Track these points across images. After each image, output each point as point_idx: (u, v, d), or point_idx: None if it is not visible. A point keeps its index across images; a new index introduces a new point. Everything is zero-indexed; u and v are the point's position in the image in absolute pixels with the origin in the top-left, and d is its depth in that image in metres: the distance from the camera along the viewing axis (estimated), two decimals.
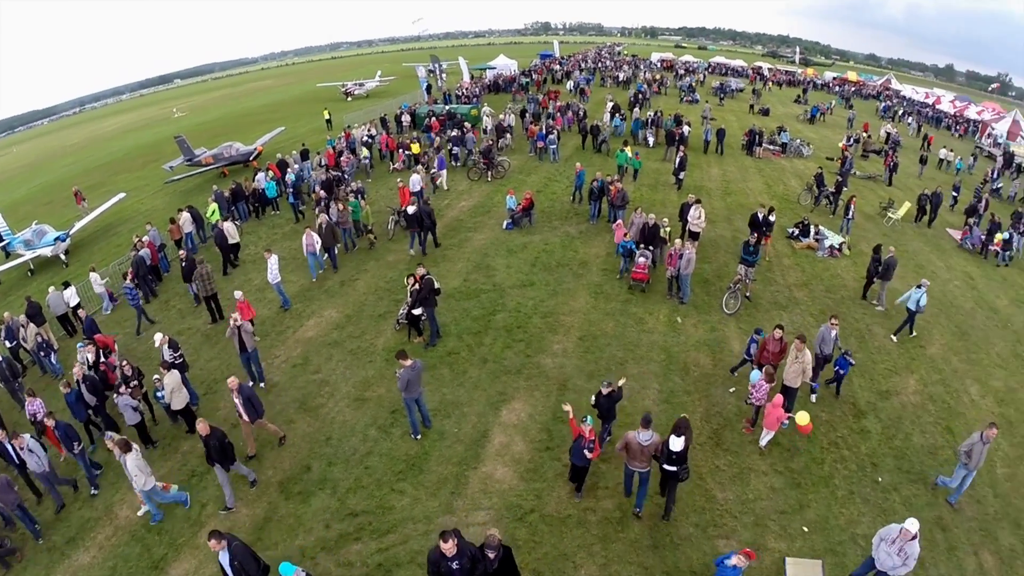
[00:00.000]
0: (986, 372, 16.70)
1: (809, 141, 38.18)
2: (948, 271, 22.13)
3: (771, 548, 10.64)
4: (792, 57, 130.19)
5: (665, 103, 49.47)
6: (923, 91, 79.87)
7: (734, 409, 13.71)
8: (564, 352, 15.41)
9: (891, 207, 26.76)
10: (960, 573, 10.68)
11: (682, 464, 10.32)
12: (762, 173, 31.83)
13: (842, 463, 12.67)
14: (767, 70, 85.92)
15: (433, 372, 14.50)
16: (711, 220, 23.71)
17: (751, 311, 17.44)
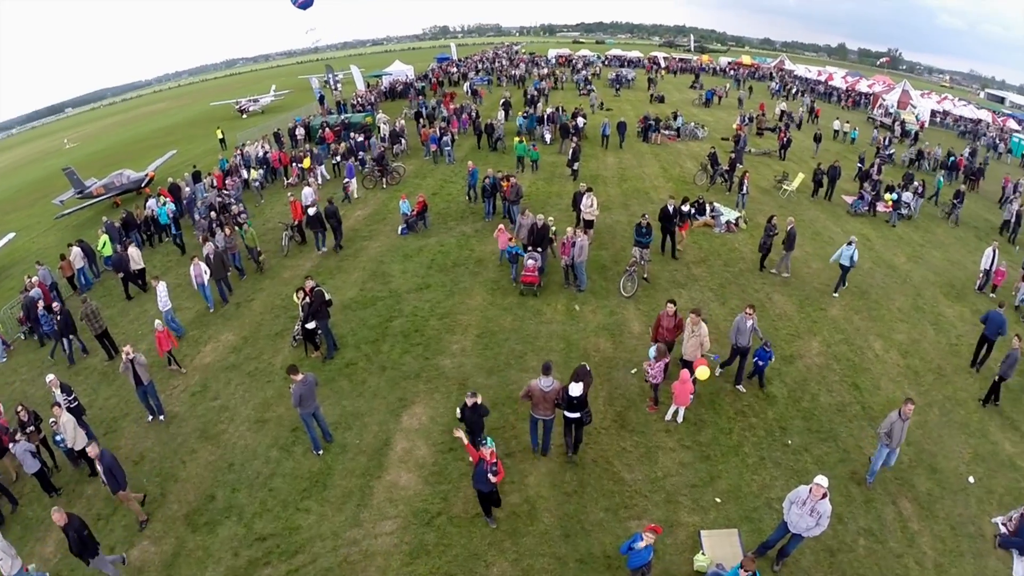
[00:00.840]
0: (888, 327, 18.36)
1: (704, 124, 41.28)
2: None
3: (685, 523, 11.25)
4: (688, 45, 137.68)
5: (563, 98, 52.10)
6: (815, 69, 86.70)
7: (637, 390, 14.44)
8: (463, 351, 16.02)
9: (785, 179, 29.25)
10: (880, 523, 11.64)
11: (583, 409, 11.58)
12: (658, 158, 33.91)
13: (750, 431, 13.50)
14: (663, 59, 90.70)
15: (332, 385, 14.85)
16: (607, 207, 24.90)
17: (650, 292, 18.38)
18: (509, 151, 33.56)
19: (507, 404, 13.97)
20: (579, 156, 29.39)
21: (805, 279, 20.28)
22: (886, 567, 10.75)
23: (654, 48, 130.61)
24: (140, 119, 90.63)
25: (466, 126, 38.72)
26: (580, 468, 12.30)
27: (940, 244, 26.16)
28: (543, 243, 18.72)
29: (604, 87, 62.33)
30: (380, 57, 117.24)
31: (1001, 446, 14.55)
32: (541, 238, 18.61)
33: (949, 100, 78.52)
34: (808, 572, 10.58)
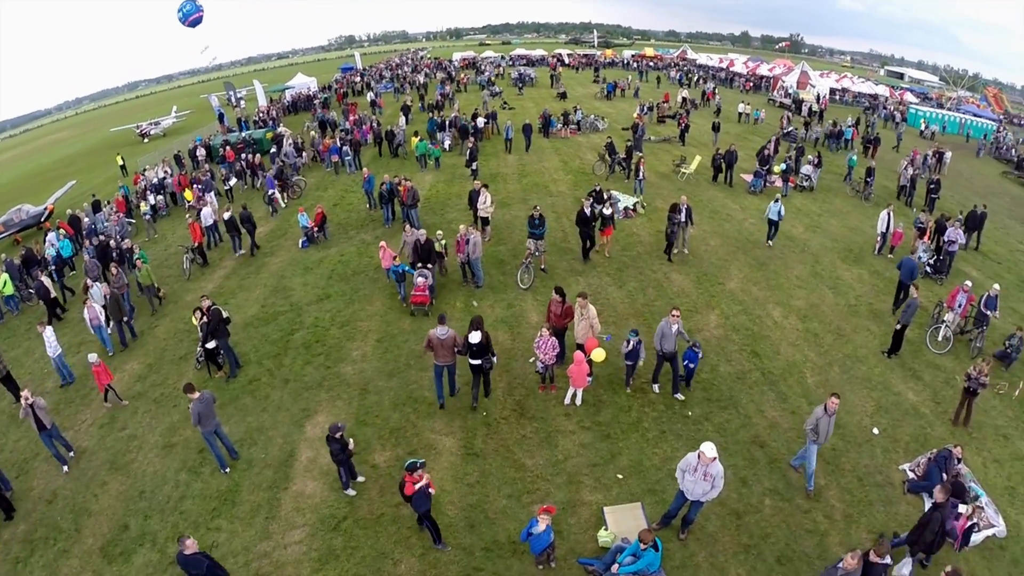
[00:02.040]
0: (787, 295, 19.48)
1: (604, 116, 42.88)
2: (742, 211, 25.44)
3: (588, 501, 11.68)
4: (592, 41, 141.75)
5: (467, 100, 53.07)
6: (717, 57, 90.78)
7: (535, 379, 14.88)
8: (363, 357, 16.35)
9: (683, 163, 30.82)
10: (785, 482, 12.34)
11: (484, 355, 13.20)
12: (559, 152, 34.97)
13: (650, 406, 14.08)
14: (567, 56, 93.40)
15: (236, 403, 15.01)
16: (506, 203, 25.53)
17: (548, 282, 18.90)
18: (411, 156, 34.31)
19: (408, 404, 14.28)
20: (477, 156, 29.97)
21: (703, 256, 21.33)
22: (794, 523, 11.39)
23: (560, 46, 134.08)
24: (39, 150, 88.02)
25: (367, 137, 38.88)
26: (481, 459, 12.64)
27: (838, 212, 27.82)
28: (431, 259, 18.72)
29: (508, 86, 64.01)
30: (284, 71, 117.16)
31: (904, 396, 15.63)
32: (428, 253, 18.64)
33: (848, 78, 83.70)
34: (715, 536, 11.11)
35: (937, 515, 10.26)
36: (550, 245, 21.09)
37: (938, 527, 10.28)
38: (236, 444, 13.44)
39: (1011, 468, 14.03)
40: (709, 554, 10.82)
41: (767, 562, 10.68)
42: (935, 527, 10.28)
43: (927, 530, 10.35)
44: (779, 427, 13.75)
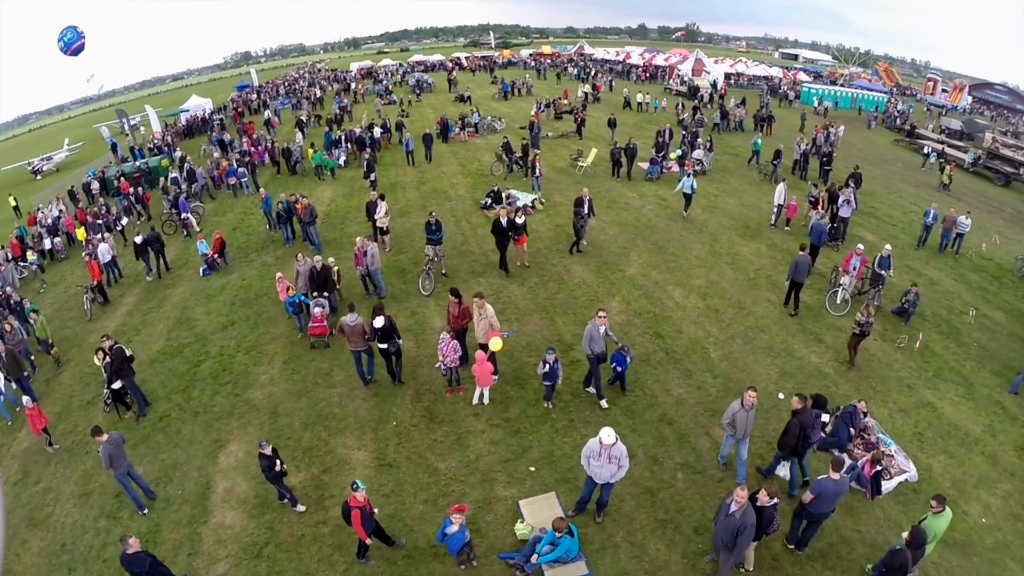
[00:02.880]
0: (687, 275, 20.45)
1: (502, 116, 43.54)
2: (640, 199, 26.54)
3: (503, 497, 12.04)
4: (490, 43, 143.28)
5: (365, 110, 52.73)
6: (614, 51, 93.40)
7: (442, 384, 15.11)
8: (271, 380, 16.28)
9: (580, 157, 31.83)
10: (696, 456, 13.02)
11: (390, 339, 14.31)
12: (457, 156, 35.42)
13: (557, 397, 14.54)
14: (464, 59, 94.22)
15: (149, 442, 14.75)
16: (406, 211, 25.81)
17: (449, 286, 18.92)
18: (309, 172, 34.27)
19: (319, 423, 14.33)
20: (375, 167, 30.08)
21: (602, 246, 22.15)
22: (708, 493, 12.02)
23: (458, 49, 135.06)
24: None
25: (264, 158, 38.29)
26: (395, 468, 12.82)
27: (734, 192, 29.25)
28: (328, 287, 18.30)
29: (407, 94, 64.02)
30: (178, 93, 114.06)
31: (807, 359, 16.66)
32: (324, 281, 18.09)
33: (743, 63, 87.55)
34: (631, 516, 11.63)
35: (795, 421, 11.53)
36: (450, 249, 21.45)
37: (797, 431, 11.54)
38: (152, 483, 13.27)
39: (917, 415, 15.17)
40: (627, 533, 11.30)
41: (684, 534, 11.25)
42: (794, 431, 11.54)
43: (788, 435, 11.64)
44: (685, 403, 14.47)
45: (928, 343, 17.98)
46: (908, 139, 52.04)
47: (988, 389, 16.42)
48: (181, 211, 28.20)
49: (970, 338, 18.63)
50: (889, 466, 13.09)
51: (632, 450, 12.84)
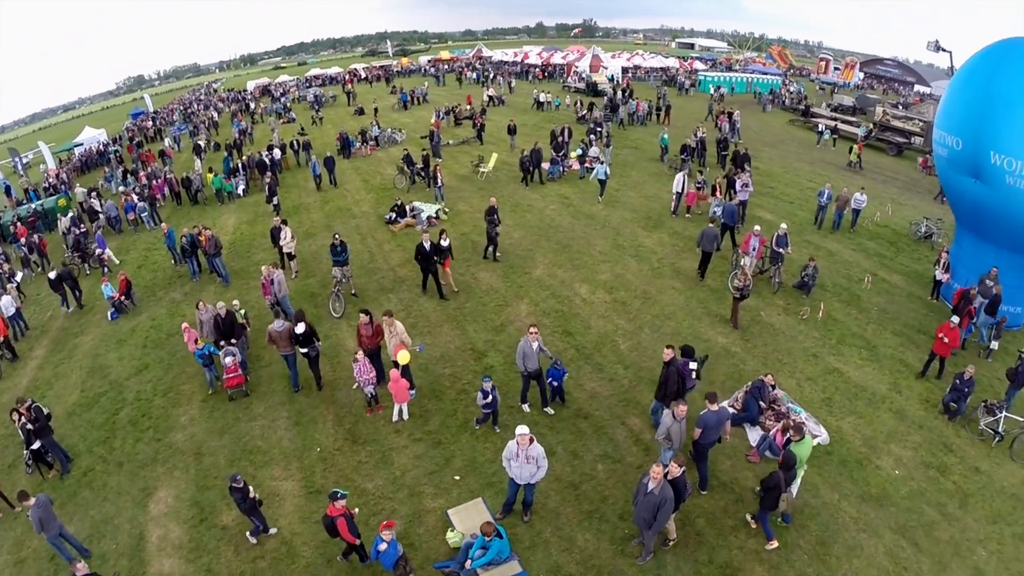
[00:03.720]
0: (593, 271, 21.21)
1: (402, 127, 43.55)
2: (543, 199, 27.33)
3: (432, 508, 12.34)
4: (387, 51, 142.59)
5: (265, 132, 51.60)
6: (512, 51, 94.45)
7: (362, 404, 15.28)
8: (191, 421, 16.00)
9: (481, 163, 32.30)
10: (614, 446, 13.67)
11: (310, 344, 15.38)
12: (359, 171, 35.21)
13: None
14: (363, 70, 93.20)
15: (76, 499, 14.26)
16: (311, 234, 25.71)
17: (360, 305, 19.15)
18: (211, 201, 33.53)
19: (244, 458, 14.25)
20: (276, 190, 29.66)
21: (508, 250, 22.74)
22: (630, 480, 12.60)
23: (356, 60, 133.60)
24: None
25: (163, 190, 37.11)
26: (324, 495, 12.68)
27: (635, 184, 30.34)
28: (234, 333, 17.79)
29: (305, 110, 62.66)
30: (71, 125, 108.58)
31: (714, 340, 17.56)
32: (230, 327, 17.37)
33: (640, 56, 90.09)
34: (557, 511, 12.15)
35: (672, 370, 13.00)
36: (357, 268, 21.54)
37: (676, 378, 13.00)
38: (85, 540, 12.95)
39: (824, 382, 16.24)
40: (555, 528, 11.79)
41: (610, 522, 11.85)
42: (674, 379, 13.00)
43: (668, 384, 13.08)
44: (599, 396, 15.10)
45: (830, 312, 19.22)
46: (803, 118, 54.95)
47: (891, 349, 17.70)
48: (100, 247, 27.10)
49: (870, 303, 19.99)
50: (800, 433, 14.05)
51: (552, 447, 13.41)
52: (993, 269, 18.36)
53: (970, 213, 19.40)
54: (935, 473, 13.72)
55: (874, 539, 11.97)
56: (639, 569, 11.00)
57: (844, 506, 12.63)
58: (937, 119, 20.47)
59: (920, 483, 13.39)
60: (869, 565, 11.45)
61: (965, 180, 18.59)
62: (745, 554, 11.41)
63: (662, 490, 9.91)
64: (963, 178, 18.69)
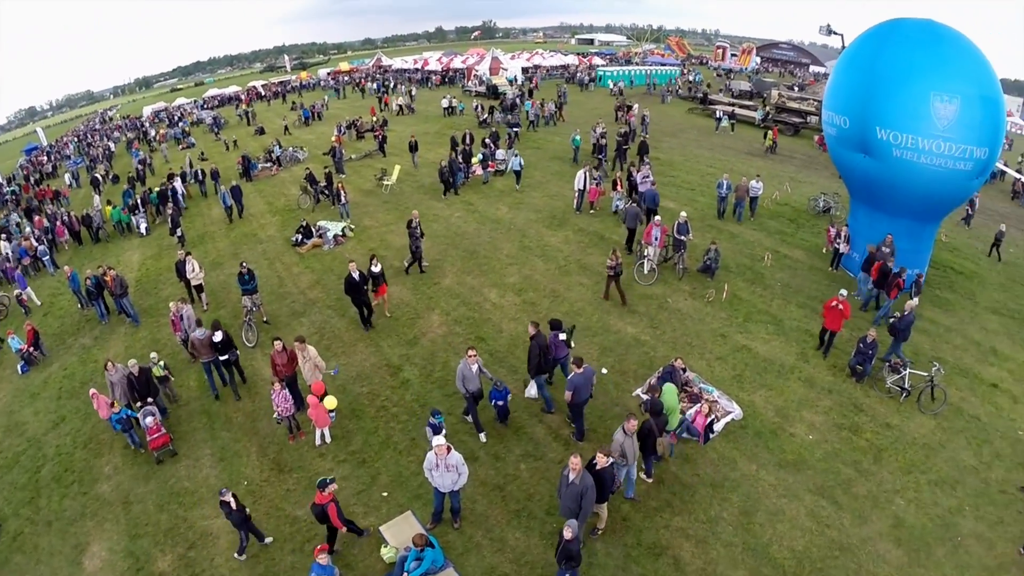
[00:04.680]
0: (501, 275, 21.61)
1: (304, 145, 42.76)
2: (448, 208, 27.67)
3: (364, 527, 12.35)
4: (286, 66, 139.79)
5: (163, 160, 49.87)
6: (412, 58, 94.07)
7: (283, 432, 15.19)
8: (115, 470, 15.48)
9: (385, 176, 32.15)
10: (534, 444, 14.12)
11: (228, 350, 16.01)
12: (262, 194, 34.42)
13: (395, 421, 15.13)
14: (262, 87, 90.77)
15: (9, 566, 13.72)
16: (218, 263, 25.18)
17: (273, 332, 19.00)
18: (113, 236, 32.26)
19: (173, 501, 13.97)
20: (180, 221, 28.87)
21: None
22: (552, 476, 13.00)
23: (255, 76, 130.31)
24: None
25: (63, 236, 35.29)
26: (256, 525, 12.73)
27: (538, 185, 30.90)
28: (150, 391, 16.32)
29: (205, 133, 60.89)
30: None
31: (624, 331, 18.16)
32: (146, 386, 16.27)
33: (539, 55, 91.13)
34: (486, 514, 12.46)
35: (533, 344, 14.11)
36: (267, 294, 21.26)
37: (537, 352, 14.11)
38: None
39: (734, 360, 17.03)
40: (486, 531, 12.10)
41: (538, 518, 12.26)
42: (535, 353, 14.14)
43: (531, 358, 14.27)
44: (516, 398, 15.36)
45: (735, 292, 20.14)
46: (701, 106, 56.74)
47: (796, 321, 18.71)
48: (20, 286, 25.67)
49: (774, 279, 21.05)
50: (715, 411, 14.72)
51: (474, 453, 13.75)
52: (888, 236, 19.67)
53: (863, 186, 20.76)
54: (848, 433, 14.61)
55: (795, 503, 12.68)
56: None
57: (763, 475, 13.32)
58: (825, 100, 21.77)
59: (834, 444, 14.25)
60: (793, 527, 12.14)
61: (855, 156, 19.91)
62: (672, 532, 11.98)
63: (582, 480, 10.32)
64: (853, 154, 20.00)
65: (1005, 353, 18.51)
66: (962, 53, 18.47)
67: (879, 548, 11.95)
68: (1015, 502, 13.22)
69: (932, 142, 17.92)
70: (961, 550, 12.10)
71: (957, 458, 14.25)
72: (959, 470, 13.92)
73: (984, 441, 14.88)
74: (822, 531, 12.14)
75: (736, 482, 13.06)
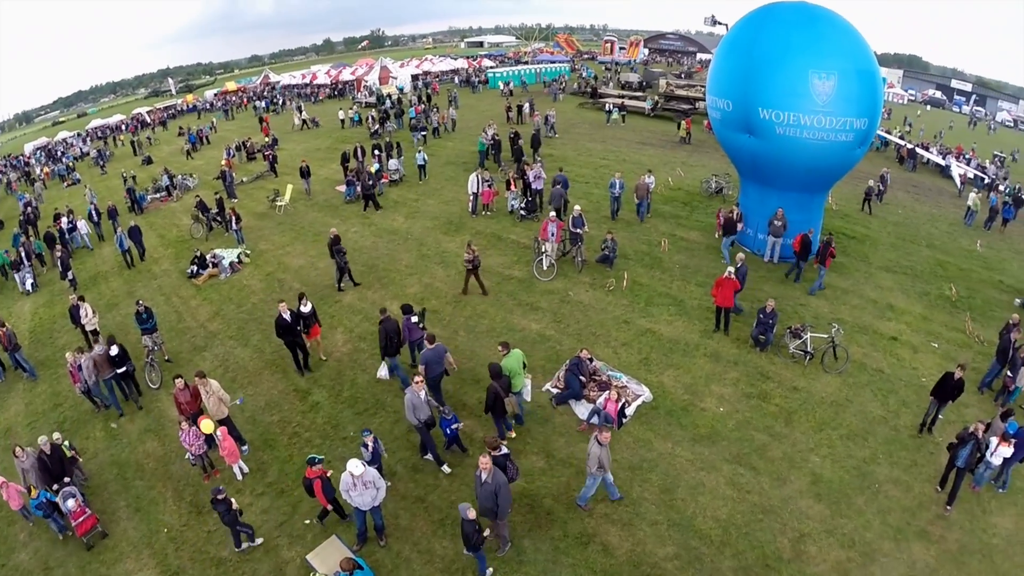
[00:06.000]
0: (401, 286, 21.42)
1: (193, 171, 40.54)
2: (344, 223, 27.05)
3: (290, 558, 12.07)
4: (171, 90, 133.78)
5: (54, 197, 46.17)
6: (300, 73, 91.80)
7: (197, 474, 14.45)
8: (31, 535, 14.23)
9: (278, 196, 31.01)
10: (449, 453, 13.93)
11: (124, 364, 16.58)
12: (154, 227, 31.97)
13: (309, 446, 14.70)
14: (148, 113, 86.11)
15: None
16: (113, 304, 23.75)
17: (174, 368, 18.13)
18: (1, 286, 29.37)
19: (94, 560, 13.05)
20: (70, 264, 27.07)
21: (314, 280, 22.41)
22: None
23: (140, 103, 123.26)
24: None
25: None
26: (181, 573, 12.21)
27: (433, 192, 30.76)
28: (65, 470, 14.69)
29: (90, 167, 56.65)
30: None
31: (528, 328, 18.29)
32: (59, 464, 14.58)
33: (429, 60, 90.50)
34: (410, 527, 12.31)
35: (380, 329, 15.33)
36: (167, 330, 20.17)
37: (385, 336, 15.33)
38: None
39: (639, 344, 17.37)
40: (413, 544, 11.95)
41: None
42: (382, 337, 15.40)
43: (381, 340, 15.47)
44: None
45: (635, 278, 20.58)
46: (592, 100, 57.62)
47: (697, 300, 19.29)
48: None
49: (672, 262, 21.66)
50: (625, 396, 14.99)
51: (392, 467, 13.61)
52: (779, 210, 20.53)
53: (750, 165, 21.61)
54: (757, 401, 15.16)
55: (713, 474, 13.06)
56: (501, 561, 11.41)
57: (679, 452, 13.64)
58: (708, 86, 22.44)
59: (745, 413, 14.75)
60: (714, 498, 12.50)
61: (740, 137, 20.67)
62: (597, 520, 12.14)
63: (494, 477, 10.43)
64: (738, 135, 20.76)
65: (901, 307, 19.66)
66: (837, 31, 19.39)
67: (801, 505, 12.47)
68: (926, 444, 14.06)
69: (813, 117, 18.77)
70: (880, 496, 12.76)
71: (866, 410, 15.02)
72: (869, 422, 14.67)
73: (890, 392, 15.75)
74: (743, 497, 12.56)
75: (654, 462, 13.36)
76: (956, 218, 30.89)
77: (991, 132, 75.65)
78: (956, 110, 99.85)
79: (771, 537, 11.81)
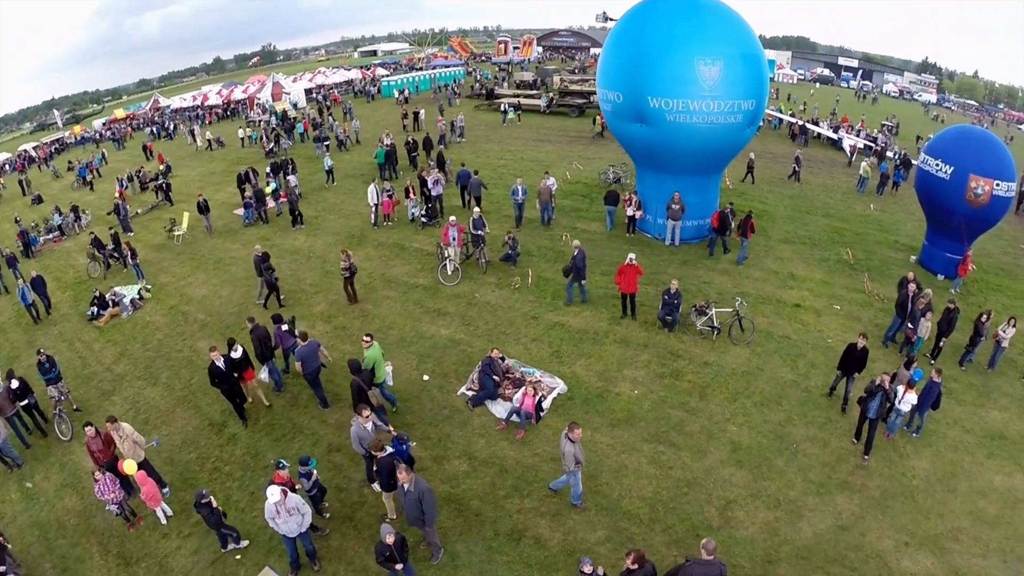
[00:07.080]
0: (308, 306, 21.13)
1: (86, 207, 37.87)
2: (244, 247, 26.15)
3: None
4: (57, 123, 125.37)
5: None
6: (191, 95, 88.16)
7: (120, 525, 13.77)
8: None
9: (175, 226, 29.40)
10: None
11: (25, 396, 16.39)
12: (48, 270, 29.61)
13: (230, 479, 14.35)
14: (34, 149, 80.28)
15: None
16: (14, 356, 21.95)
17: (84, 417, 17.10)
18: None
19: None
20: None
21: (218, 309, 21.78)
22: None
23: (26, 138, 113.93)
24: None
25: None
26: None
27: (333, 207, 30.29)
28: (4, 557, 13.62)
29: None
30: None
31: (438, 334, 18.63)
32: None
33: (323, 73, 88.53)
34: (342, 548, 12.19)
35: (253, 336, 15.95)
36: (72, 378, 18.97)
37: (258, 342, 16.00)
38: None
39: (549, 338, 17.67)
40: (347, 564, 11.83)
41: None
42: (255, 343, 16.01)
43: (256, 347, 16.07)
44: (344, 425, 14.84)
45: (540, 274, 20.87)
46: (488, 102, 57.75)
47: (603, 289, 19.71)
48: None
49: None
50: (540, 390, 15.21)
51: None
52: (676, 194, 21.19)
53: (644, 153, 22.20)
54: (670, 380, 15.68)
55: (635, 455, 13.47)
56: (436, 569, 11.44)
57: (599, 438, 13.98)
58: (598, 79, 22.87)
59: (660, 393, 15.24)
60: (638, 478, 12.89)
61: (632, 126, 21.16)
62: (525, 514, 12.34)
63: (416, 486, 10.45)
64: (630, 125, 21.28)
65: (801, 276, 20.67)
66: (721, 18, 20.16)
67: (723, 474, 13.04)
68: (838, 401, 14.83)
69: (702, 102, 19.46)
70: (800, 455, 13.46)
71: (776, 376, 15.76)
72: (780, 386, 15.40)
73: (798, 356, 16.57)
74: (666, 474, 13.03)
75: None
76: (849, 187, 32.85)
77: (874, 104, 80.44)
78: (844, 85, 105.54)
79: (698, 508, 12.34)
